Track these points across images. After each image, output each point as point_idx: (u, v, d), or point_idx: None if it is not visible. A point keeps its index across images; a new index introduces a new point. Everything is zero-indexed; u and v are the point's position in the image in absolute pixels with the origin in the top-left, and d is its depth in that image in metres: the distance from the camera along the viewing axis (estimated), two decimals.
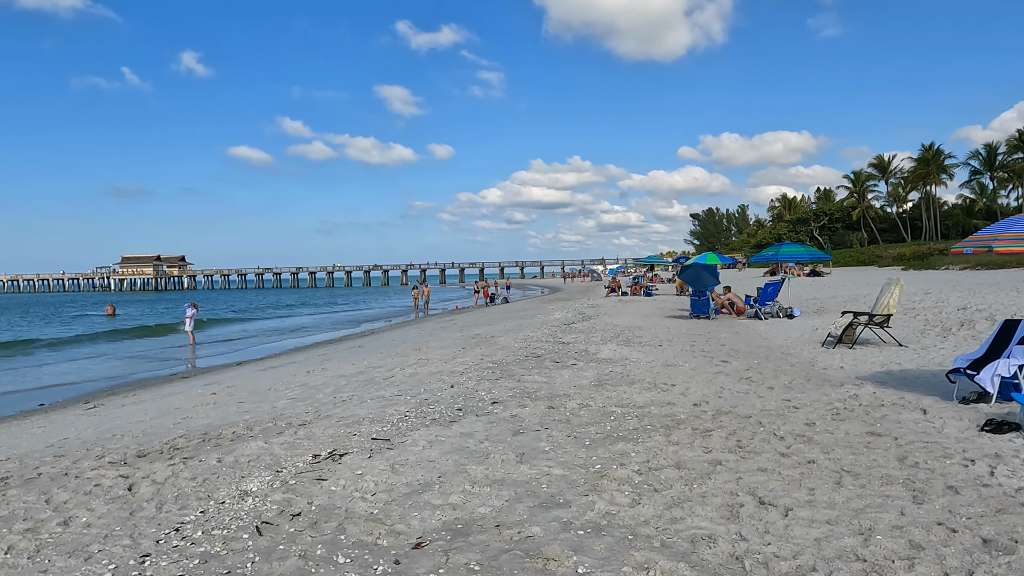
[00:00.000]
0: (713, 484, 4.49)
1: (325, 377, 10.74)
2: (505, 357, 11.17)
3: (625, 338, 13.58)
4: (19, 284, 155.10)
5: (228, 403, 9.15)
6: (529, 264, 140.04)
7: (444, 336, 17.05)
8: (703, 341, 13.02)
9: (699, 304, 18.31)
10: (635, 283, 33.90)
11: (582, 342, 12.99)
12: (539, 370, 9.60)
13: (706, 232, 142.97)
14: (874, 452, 5.19)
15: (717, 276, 18.70)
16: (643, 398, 7.42)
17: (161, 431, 7.41)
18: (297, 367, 13.60)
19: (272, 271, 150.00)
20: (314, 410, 7.67)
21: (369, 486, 4.58)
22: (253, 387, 10.75)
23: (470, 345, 13.63)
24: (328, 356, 15.80)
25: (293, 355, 18.70)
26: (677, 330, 15.28)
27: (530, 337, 14.33)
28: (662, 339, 13.42)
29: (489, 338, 14.87)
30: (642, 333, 14.58)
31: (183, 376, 16.04)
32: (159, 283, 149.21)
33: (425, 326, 23.56)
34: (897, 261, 52.80)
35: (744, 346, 12.20)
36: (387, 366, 11.30)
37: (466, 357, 11.48)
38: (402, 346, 15.34)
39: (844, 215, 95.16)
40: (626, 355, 11.04)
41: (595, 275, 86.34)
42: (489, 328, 18.47)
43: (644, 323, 17.15)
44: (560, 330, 15.77)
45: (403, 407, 7.32)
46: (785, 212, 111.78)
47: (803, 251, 17.61)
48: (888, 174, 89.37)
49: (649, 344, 12.56)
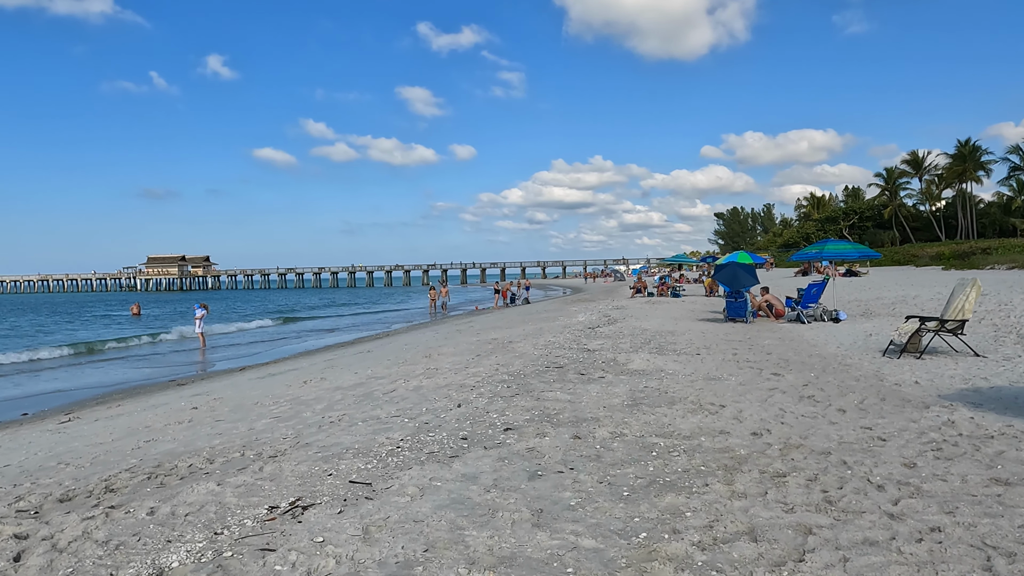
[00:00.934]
0: (811, 570, 3.17)
1: (321, 389, 9.55)
2: (523, 367, 9.89)
3: (657, 345, 12.23)
4: (49, 284, 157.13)
5: (204, 421, 7.98)
6: (551, 264, 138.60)
7: (459, 340, 15.81)
8: (745, 349, 11.63)
9: (736, 306, 16.88)
10: (662, 283, 32.42)
11: (610, 349, 11.67)
12: (561, 384, 8.30)
13: (731, 232, 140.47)
14: (1016, 512, 3.84)
15: (756, 276, 17.24)
16: (689, 424, 6.09)
17: (112, 460, 6.24)
18: (297, 375, 12.45)
19: (295, 271, 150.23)
20: (294, 435, 6.45)
21: (327, 566, 3.32)
22: (240, 400, 9.59)
23: (485, 352, 12.37)
24: (333, 362, 14.65)
25: (299, 360, 17.60)
26: (713, 335, 13.89)
27: (551, 343, 13.03)
28: (699, 346, 12.04)
29: (506, 344, 13.60)
30: (675, 339, 13.21)
31: (179, 383, 14.98)
32: (184, 283, 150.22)
33: (441, 329, 22.35)
34: (935, 260, 50.59)
35: (794, 355, 10.79)
36: (391, 376, 10.08)
37: (479, 367, 10.22)
38: (412, 352, 14.13)
39: (875, 214, 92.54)
40: (661, 366, 9.70)
41: (618, 275, 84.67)
42: (507, 332, 17.20)
43: (676, 327, 15.77)
44: (584, 335, 14.45)
45: (398, 433, 6.07)
46: (813, 211, 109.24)
47: (851, 249, 16.10)
48: (922, 171, 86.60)
49: (685, 352, 11.20)
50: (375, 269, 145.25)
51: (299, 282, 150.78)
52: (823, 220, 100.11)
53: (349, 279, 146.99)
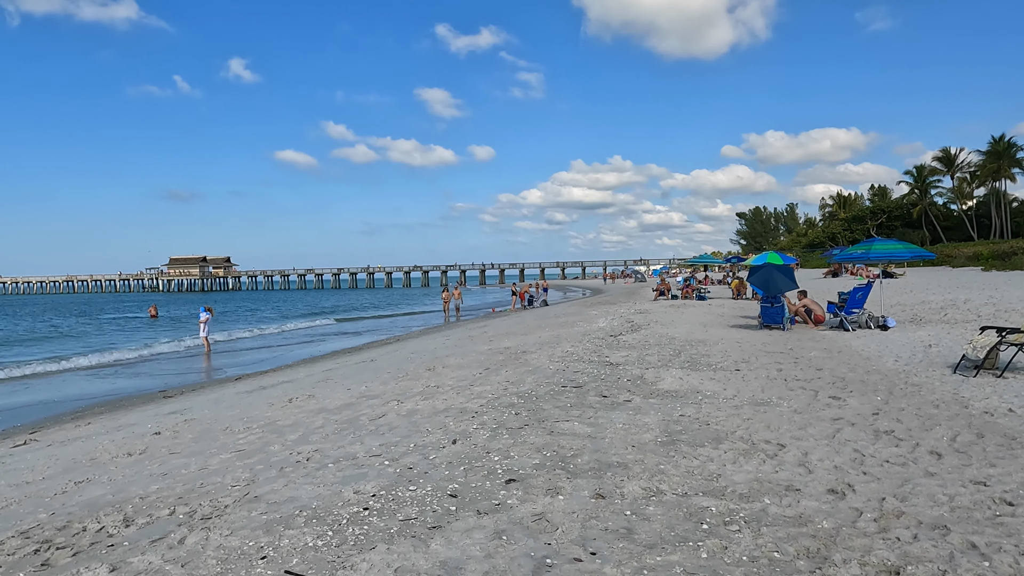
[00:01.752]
0: None
1: (303, 411, 8.30)
2: (536, 386, 8.56)
3: (689, 357, 10.84)
4: (74, 285, 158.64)
5: (158, 454, 6.76)
6: (570, 265, 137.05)
7: (468, 350, 14.52)
8: (790, 363, 10.21)
9: (772, 312, 15.41)
10: (686, 285, 30.89)
11: (635, 363, 10.31)
12: (580, 411, 6.98)
13: (753, 232, 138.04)
14: None
15: (794, 279, 15.76)
16: (744, 475, 4.74)
17: (20, 512, 5.03)
18: (287, 390, 11.24)
19: (313, 272, 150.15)
20: (247, 480, 5.19)
21: None
22: (211, 423, 8.37)
23: (495, 364, 11.07)
24: (331, 373, 13.42)
25: (298, 369, 16.40)
26: (750, 346, 12.46)
27: (569, 354, 11.69)
28: (736, 359, 10.64)
29: (520, 354, 12.28)
30: (708, 350, 11.80)
31: (167, 395, 13.85)
32: (205, 284, 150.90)
33: (452, 335, 21.08)
34: (973, 261, 48.41)
35: (848, 371, 9.35)
36: (385, 396, 8.80)
37: (486, 384, 8.91)
38: (416, 363, 12.87)
39: (904, 213, 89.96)
40: (696, 385, 8.32)
41: (638, 276, 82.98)
42: (522, 339, 15.89)
43: (706, 335, 14.35)
44: (606, 344, 13.09)
45: (372, 484, 4.78)
46: (840, 210, 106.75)
47: (901, 248, 14.55)
48: (954, 168, 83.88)
49: (722, 367, 9.80)
50: (394, 270, 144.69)
51: (318, 283, 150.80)
52: (850, 220, 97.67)
53: (368, 280, 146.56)
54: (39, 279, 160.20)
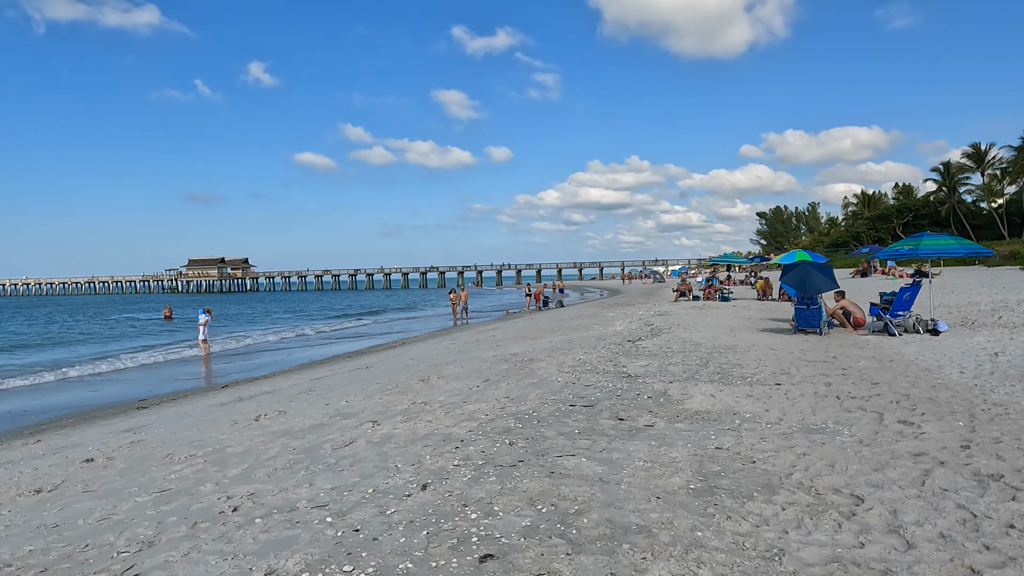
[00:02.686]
0: None
1: (262, 435, 7.02)
2: (539, 404, 7.22)
3: (719, 368, 9.43)
4: (96, 286, 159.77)
5: (70, 492, 5.51)
6: (588, 265, 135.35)
7: (471, 356, 13.20)
8: (838, 374, 8.77)
9: (807, 315, 13.91)
10: (708, 286, 29.33)
11: (657, 374, 8.92)
12: (590, 439, 5.63)
13: (773, 231, 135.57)
14: None
15: (833, 278, 14.26)
16: (816, 550, 3.36)
17: None
18: (261, 403, 9.99)
19: (330, 273, 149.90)
20: (140, 545, 3.91)
21: None
22: (156, 447, 7.12)
23: (497, 375, 9.74)
24: (319, 383, 12.18)
25: (288, 376, 15.16)
26: (787, 353, 11.01)
27: (582, 363, 10.33)
28: (773, 369, 9.21)
29: (526, 362, 10.94)
30: (740, 358, 10.38)
31: (140, 405, 12.68)
32: (223, 285, 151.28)
33: (459, 338, 19.78)
34: (1010, 260, 46.17)
35: (909, 385, 7.90)
36: (363, 415, 7.51)
37: (481, 402, 7.58)
38: (412, 371, 11.58)
39: (932, 211, 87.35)
40: (731, 404, 6.94)
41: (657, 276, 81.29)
42: (532, 344, 14.55)
43: (735, 340, 12.91)
44: (623, 351, 11.70)
45: (295, 558, 3.47)
46: (864, 209, 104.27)
47: (955, 244, 12.98)
48: (984, 165, 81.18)
49: (759, 380, 8.39)
50: (410, 271, 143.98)
51: (335, 284, 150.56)
52: (874, 218, 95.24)
53: (384, 280, 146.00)
54: (62, 280, 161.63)
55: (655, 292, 43.96)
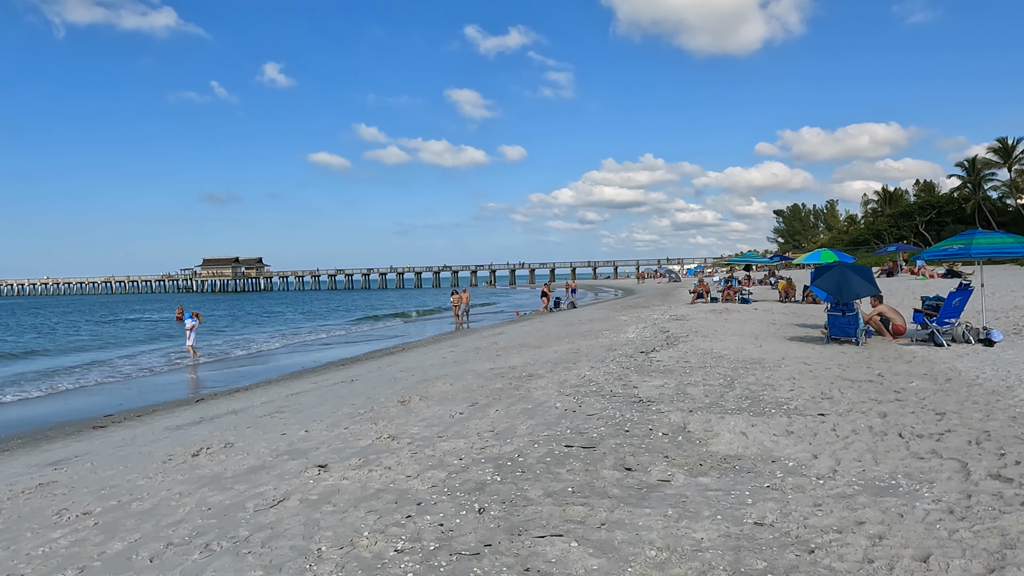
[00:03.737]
0: None
1: (185, 482, 5.70)
2: (528, 443, 5.86)
3: (747, 390, 7.99)
4: (112, 285, 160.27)
5: None
6: (602, 264, 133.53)
7: (466, 369, 11.86)
8: (891, 399, 7.31)
9: (843, 323, 12.42)
10: (727, 287, 27.78)
11: (673, 399, 7.52)
12: (585, 502, 4.26)
13: (791, 229, 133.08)
14: None
15: (874, 281, 12.76)
16: None
17: None
18: (215, 428, 8.70)
19: (344, 272, 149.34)
20: None
21: None
22: (56, 497, 5.83)
23: (487, 397, 8.38)
24: (290, 403, 10.89)
25: (268, 389, 13.86)
26: (823, 368, 9.55)
27: (586, 381, 8.95)
28: (813, 392, 7.77)
29: (524, 379, 9.58)
30: (770, 376, 8.94)
31: (96, 425, 11.45)
32: (237, 284, 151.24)
33: (459, 346, 18.43)
34: None
35: (983, 415, 6.43)
36: (316, 453, 6.18)
37: (459, 438, 6.22)
38: (397, 387, 10.25)
39: (956, 208, 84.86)
40: (769, 446, 5.53)
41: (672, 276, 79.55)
42: (535, 354, 13.18)
43: (762, 351, 11.46)
44: (634, 365, 10.30)
45: None
46: (885, 206, 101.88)
47: (1012, 243, 11.35)
48: (1012, 160, 78.58)
49: (798, 409, 6.95)
50: (423, 270, 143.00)
51: (348, 283, 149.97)
52: (896, 215, 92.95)
53: (397, 280, 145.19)
54: (79, 280, 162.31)
55: (670, 293, 42.39)
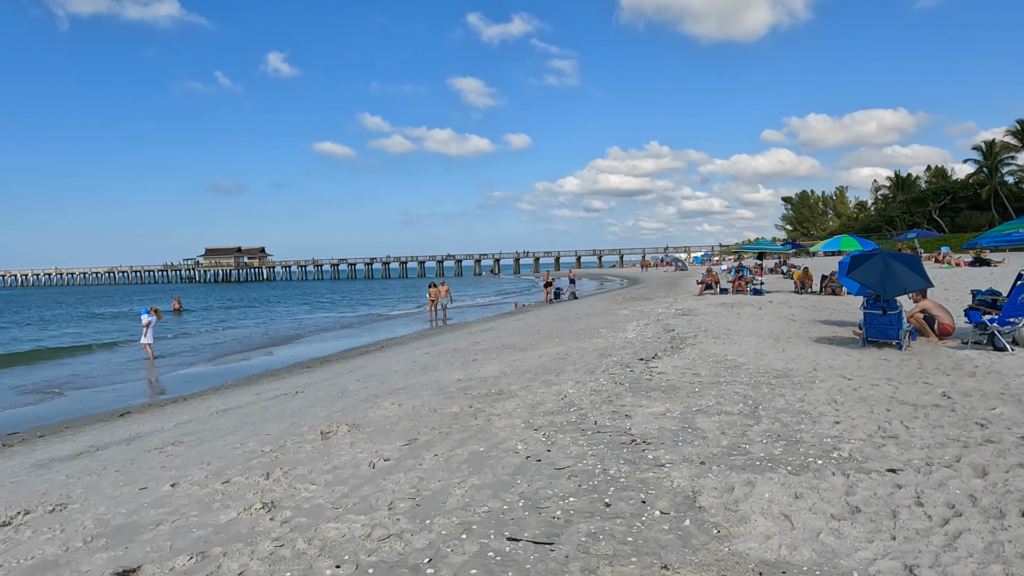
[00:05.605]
0: None
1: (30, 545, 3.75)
2: (457, 524, 3.86)
3: (777, 422, 5.94)
4: (115, 276, 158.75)
5: None
6: (608, 252, 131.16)
7: (427, 381, 9.85)
8: (981, 441, 5.24)
9: (883, 322, 10.32)
10: (739, 277, 25.64)
11: (677, 442, 5.48)
12: None
13: (799, 216, 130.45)
14: None
15: (924, 273, 10.67)
16: None
17: None
18: (82, 468, 6.74)
19: (346, 262, 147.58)
20: None
21: None
22: None
23: (432, 430, 6.38)
24: (207, 423, 8.91)
25: (205, 398, 11.86)
26: (869, 386, 7.49)
27: (566, 405, 6.93)
28: (868, 428, 5.71)
29: (490, 399, 7.57)
30: (804, 399, 6.88)
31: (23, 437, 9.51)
32: (240, 274, 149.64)
33: (437, 346, 16.41)
34: None
35: None
36: (144, 539, 4.20)
37: (359, 515, 4.22)
38: (331, 409, 8.26)
39: (971, 193, 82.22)
40: (830, 544, 3.49)
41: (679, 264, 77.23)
42: (516, 359, 11.19)
43: (787, 359, 9.40)
44: (630, 381, 8.27)
45: None
46: (898, 192, 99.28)
47: None
48: None
49: (854, 460, 4.88)
50: (426, 259, 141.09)
51: (351, 272, 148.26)
52: (909, 202, 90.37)
53: (400, 269, 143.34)
54: (83, 270, 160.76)
55: (676, 282, 40.23)
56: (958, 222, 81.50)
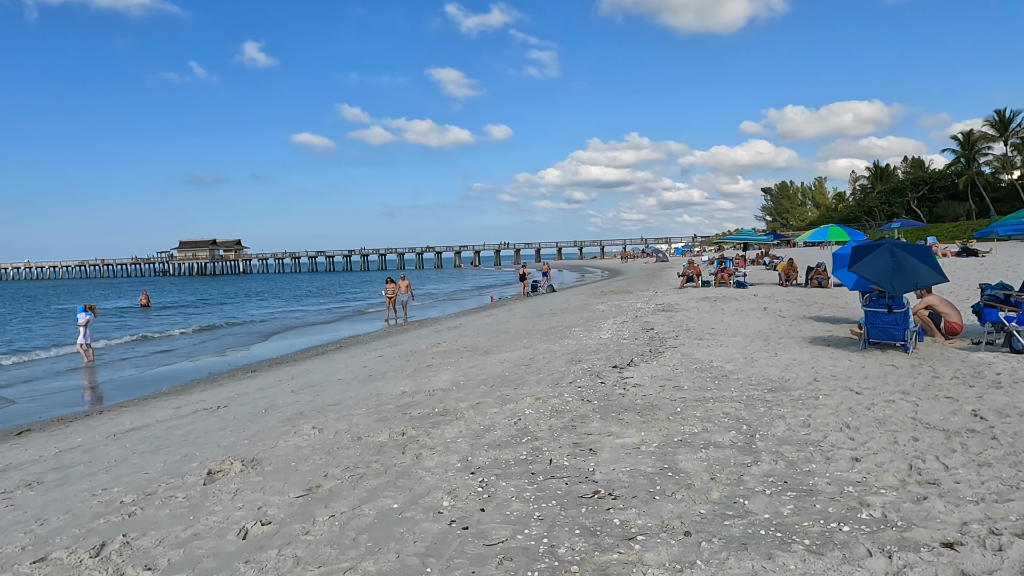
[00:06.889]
0: None
1: None
2: None
3: (781, 460, 4.64)
4: (86, 269, 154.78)
5: None
6: (589, 244, 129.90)
7: (367, 393, 8.48)
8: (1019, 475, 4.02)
9: (887, 322, 9.08)
10: (721, 269, 24.48)
11: (652, 496, 4.17)
12: None
13: (779, 208, 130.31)
14: None
15: (937, 265, 9.46)
16: None
17: None
18: None
19: (324, 254, 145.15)
20: None
21: None
22: None
23: (344, 471, 5.03)
24: (92, 453, 7.48)
25: (114, 416, 10.39)
26: (882, 401, 6.24)
27: (518, 434, 5.61)
28: (898, 467, 4.44)
29: (429, 424, 6.23)
30: (807, 420, 5.60)
31: None
32: (215, 267, 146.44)
33: (394, 348, 15.01)
34: None
35: None
36: None
37: None
38: (246, 432, 6.89)
39: (949, 184, 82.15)
40: None
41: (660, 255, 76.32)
42: (474, 366, 9.85)
43: (781, 365, 8.14)
44: (600, 397, 6.97)
45: None
46: (877, 183, 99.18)
47: None
48: (1008, 133, 75.57)
49: (892, 528, 3.59)
50: (406, 251, 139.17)
51: (329, 265, 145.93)
52: (887, 192, 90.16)
53: (379, 261, 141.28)
54: (52, 264, 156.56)
55: (657, 274, 39.11)
56: (936, 212, 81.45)
